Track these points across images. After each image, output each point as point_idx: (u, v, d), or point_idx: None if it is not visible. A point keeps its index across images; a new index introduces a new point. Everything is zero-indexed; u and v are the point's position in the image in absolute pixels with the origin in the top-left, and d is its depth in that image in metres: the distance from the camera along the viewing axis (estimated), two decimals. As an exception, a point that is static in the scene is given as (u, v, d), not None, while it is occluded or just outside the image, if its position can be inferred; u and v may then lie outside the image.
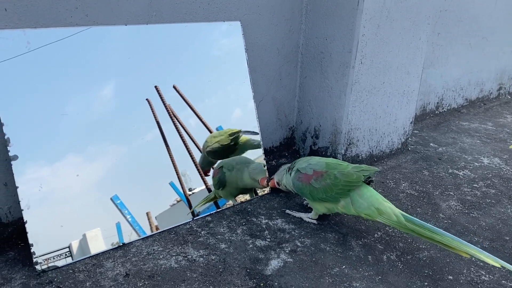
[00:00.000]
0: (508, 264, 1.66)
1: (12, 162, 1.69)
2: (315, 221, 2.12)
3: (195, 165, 2.20)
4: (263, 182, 2.30)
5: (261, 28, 2.49)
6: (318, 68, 2.62)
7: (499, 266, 1.66)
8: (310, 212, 2.16)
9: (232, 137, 2.32)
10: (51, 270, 1.72)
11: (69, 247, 1.80)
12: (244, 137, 2.37)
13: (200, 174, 2.22)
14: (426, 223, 1.82)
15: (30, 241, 1.70)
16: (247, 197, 2.33)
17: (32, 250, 1.70)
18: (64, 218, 1.81)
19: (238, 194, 2.34)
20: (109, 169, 1.94)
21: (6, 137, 1.68)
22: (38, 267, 1.70)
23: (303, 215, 2.15)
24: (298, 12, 2.61)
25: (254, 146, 2.42)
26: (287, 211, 2.20)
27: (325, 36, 2.53)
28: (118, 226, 1.92)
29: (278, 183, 2.24)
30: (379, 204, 1.89)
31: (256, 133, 2.42)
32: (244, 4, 2.36)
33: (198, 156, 2.21)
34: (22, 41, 1.71)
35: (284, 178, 2.17)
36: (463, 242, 1.72)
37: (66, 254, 1.78)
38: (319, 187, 1.97)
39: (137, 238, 1.94)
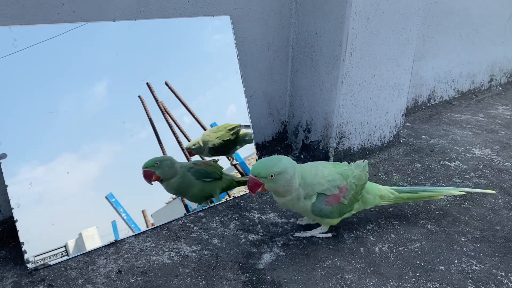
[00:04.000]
0: (468, 189, 2.25)
1: (1, 161, 1.68)
2: (329, 234, 1.97)
3: (189, 161, 2.20)
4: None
5: (251, 22, 2.48)
6: (309, 62, 2.62)
7: (463, 193, 2.17)
8: (315, 225, 2.04)
9: (232, 132, 2.30)
10: (43, 268, 1.71)
11: (65, 246, 1.79)
12: (242, 131, 2.37)
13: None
14: (412, 187, 2.18)
15: (21, 240, 1.69)
16: (242, 191, 2.32)
17: (23, 249, 1.69)
18: (58, 217, 1.80)
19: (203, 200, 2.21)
20: (103, 167, 1.94)
21: (-6, 135, 1.66)
22: (29, 265, 1.70)
23: (314, 232, 1.96)
24: (288, 6, 2.61)
25: (248, 140, 2.42)
26: (296, 234, 1.97)
27: (315, 29, 2.53)
28: (114, 224, 1.91)
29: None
30: (379, 191, 2.01)
31: (248, 126, 2.41)
32: (233, -2, 2.36)
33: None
34: (8, 38, 1.70)
35: (295, 202, 1.80)
36: (440, 188, 2.16)
37: (62, 254, 1.77)
38: (348, 202, 1.84)
39: (130, 234, 1.94)
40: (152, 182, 2.04)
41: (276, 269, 1.76)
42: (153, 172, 2.02)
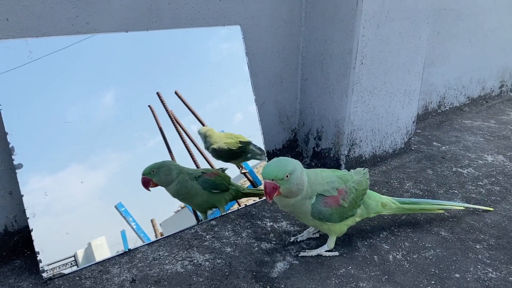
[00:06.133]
0: (468, 204, 2.28)
1: (17, 171, 1.69)
2: (336, 253, 1.90)
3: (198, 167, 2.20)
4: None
5: (261, 31, 2.50)
6: (319, 70, 2.63)
7: (463, 208, 2.22)
8: (319, 242, 1.99)
9: (240, 145, 2.30)
10: (57, 278, 1.72)
11: (74, 256, 1.80)
12: (253, 149, 2.37)
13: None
14: (413, 199, 2.22)
15: (37, 249, 1.70)
16: (255, 199, 2.32)
17: (38, 258, 1.70)
18: (69, 227, 1.81)
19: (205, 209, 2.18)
20: (113, 177, 1.95)
21: (10, 146, 1.69)
22: (44, 275, 1.71)
23: (320, 251, 1.89)
24: (297, 15, 2.62)
25: (257, 157, 2.42)
26: (301, 253, 1.89)
27: (325, 37, 2.54)
28: (123, 233, 1.92)
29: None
30: (381, 198, 1.99)
31: (261, 150, 2.42)
32: (243, 8, 2.38)
33: (201, 161, 2.21)
34: (24, 50, 1.72)
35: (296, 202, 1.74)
36: (441, 201, 2.19)
37: (71, 263, 1.78)
38: (348, 206, 1.79)
39: (142, 244, 1.94)
40: (150, 188, 2.03)
41: (290, 277, 1.75)
42: (150, 179, 2.01)
